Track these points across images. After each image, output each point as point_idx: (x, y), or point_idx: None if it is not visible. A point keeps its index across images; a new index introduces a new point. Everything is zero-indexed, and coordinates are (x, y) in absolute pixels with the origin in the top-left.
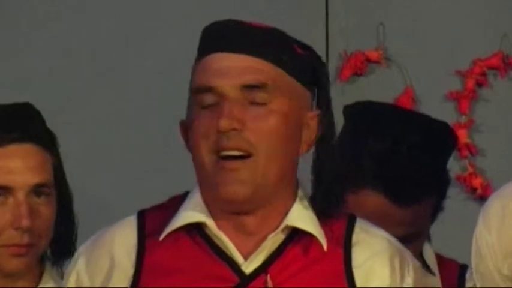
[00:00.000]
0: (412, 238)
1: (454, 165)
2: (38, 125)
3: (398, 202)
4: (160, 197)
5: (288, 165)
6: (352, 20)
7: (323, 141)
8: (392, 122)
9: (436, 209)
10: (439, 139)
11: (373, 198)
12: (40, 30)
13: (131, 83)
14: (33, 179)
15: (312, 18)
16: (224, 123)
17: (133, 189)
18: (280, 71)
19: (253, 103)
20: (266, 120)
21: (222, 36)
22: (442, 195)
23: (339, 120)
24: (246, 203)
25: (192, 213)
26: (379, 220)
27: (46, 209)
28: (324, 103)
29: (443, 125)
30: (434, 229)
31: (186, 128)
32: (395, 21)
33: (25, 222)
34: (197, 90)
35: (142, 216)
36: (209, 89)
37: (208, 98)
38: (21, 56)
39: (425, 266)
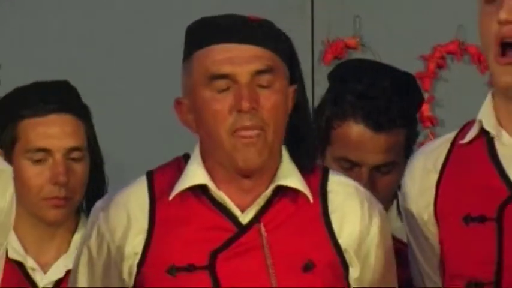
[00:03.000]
0: (390, 167)
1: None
2: (74, 98)
3: (375, 128)
4: (165, 159)
5: (283, 134)
6: (333, 13)
7: (300, 108)
8: (368, 70)
9: (408, 142)
10: (405, 83)
11: (354, 128)
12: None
13: (147, 51)
14: (69, 143)
15: (300, 11)
16: (246, 105)
17: (145, 153)
18: (276, 57)
19: (259, 85)
20: (273, 100)
21: (227, 29)
22: (412, 130)
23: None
24: (256, 169)
25: (195, 176)
26: (361, 147)
27: (80, 169)
28: (299, 79)
29: (408, 74)
30: None
31: (184, 106)
32: (369, 14)
33: (62, 179)
34: (211, 77)
35: (151, 176)
36: (224, 76)
37: (222, 84)
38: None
39: (401, 216)
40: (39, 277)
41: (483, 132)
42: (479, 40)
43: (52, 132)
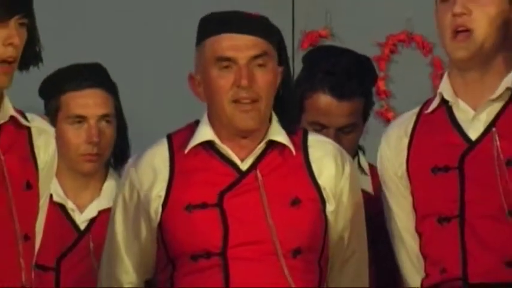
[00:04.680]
0: (351, 128)
1: (375, 104)
2: (104, 77)
3: (339, 98)
4: (175, 126)
5: (272, 103)
6: (309, 9)
7: (285, 84)
8: (333, 53)
9: (365, 108)
10: (363, 63)
11: (322, 98)
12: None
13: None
14: (100, 111)
15: (283, 8)
16: (244, 82)
17: (160, 121)
18: (269, 44)
19: (256, 65)
20: (266, 77)
21: (233, 22)
22: (368, 99)
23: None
24: (251, 131)
25: (205, 135)
26: (328, 113)
27: (108, 132)
28: (285, 61)
29: (365, 57)
30: (366, 146)
31: (196, 80)
32: (338, 10)
33: (95, 139)
34: (218, 59)
35: (170, 138)
36: (228, 59)
37: (226, 64)
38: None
39: (361, 169)
40: (77, 216)
41: (443, 103)
42: (424, 30)
43: (87, 102)
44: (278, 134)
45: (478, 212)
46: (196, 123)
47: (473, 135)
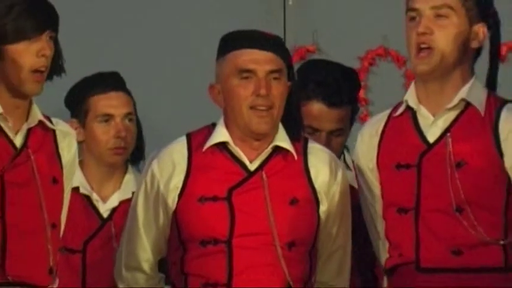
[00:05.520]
0: (340, 132)
1: None
2: (123, 82)
3: (329, 106)
4: (199, 125)
5: (282, 113)
6: (299, 27)
7: (292, 97)
8: (324, 66)
9: (352, 114)
10: (350, 75)
11: (315, 105)
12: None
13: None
14: (124, 109)
15: (276, 26)
16: (263, 91)
17: (185, 120)
18: (282, 61)
19: (272, 78)
20: (280, 89)
21: (253, 39)
22: (354, 106)
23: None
24: (264, 134)
25: (221, 137)
26: (320, 118)
27: (132, 127)
28: (292, 78)
29: (351, 69)
30: (349, 145)
31: (216, 89)
32: (323, 28)
33: (122, 134)
34: (240, 70)
35: (189, 136)
36: (249, 71)
37: (246, 75)
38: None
39: (346, 165)
40: (101, 206)
41: (408, 108)
42: (399, 46)
43: (113, 103)
44: (283, 140)
45: (430, 206)
46: (213, 125)
47: (431, 138)
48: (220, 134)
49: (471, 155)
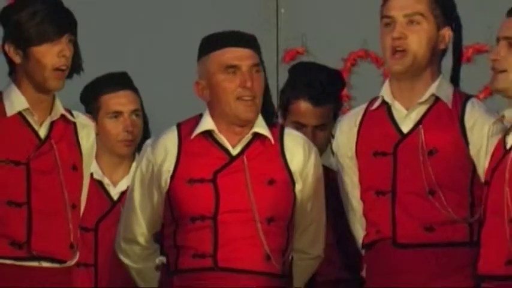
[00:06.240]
0: (324, 126)
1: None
2: (131, 81)
3: (315, 104)
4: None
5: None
6: (290, 32)
7: (266, 88)
8: (311, 68)
9: (335, 111)
10: (335, 76)
11: (303, 104)
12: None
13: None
14: (132, 106)
15: (269, 31)
16: (249, 84)
17: (176, 112)
18: (258, 56)
19: (254, 71)
20: (260, 81)
21: (234, 38)
22: (338, 104)
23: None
24: (250, 121)
25: (207, 125)
26: (307, 115)
27: (139, 122)
28: (264, 71)
29: (336, 70)
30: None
31: (201, 85)
32: (311, 33)
33: (130, 128)
34: (226, 66)
35: (179, 126)
36: (234, 66)
37: (232, 70)
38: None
39: (332, 152)
40: (111, 189)
41: (384, 103)
42: (377, 49)
43: (121, 101)
44: (262, 127)
45: (406, 189)
46: (200, 116)
47: (405, 129)
48: (206, 123)
49: (441, 144)
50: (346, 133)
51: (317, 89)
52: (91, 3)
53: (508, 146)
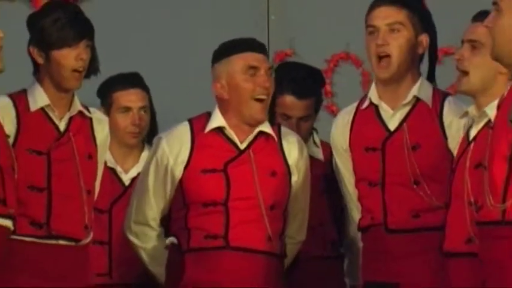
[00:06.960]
0: (307, 118)
1: (323, 101)
2: (141, 80)
3: (299, 98)
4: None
5: None
6: (279, 36)
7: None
8: (296, 67)
9: (317, 104)
10: (316, 74)
11: (287, 98)
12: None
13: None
14: (140, 103)
15: (261, 33)
16: (267, 84)
17: (186, 107)
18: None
19: (269, 74)
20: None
21: (252, 44)
22: (319, 98)
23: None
24: (260, 123)
25: (218, 122)
26: (292, 108)
27: (146, 117)
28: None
29: (317, 69)
30: (318, 128)
31: (220, 84)
32: (299, 37)
33: (137, 122)
34: (248, 67)
35: (191, 122)
36: (255, 67)
37: (252, 72)
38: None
39: (315, 144)
40: (123, 176)
41: (371, 103)
42: (358, 51)
43: (131, 98)
44: (265, 126)
45: (393, 181)
46: (208, 114)
47: (391, 127)
48: (218, 120)
49: (423, 139)
50: (340, 128)
51: (300, 83)
52: (107, 14)
53: (470, 138)
